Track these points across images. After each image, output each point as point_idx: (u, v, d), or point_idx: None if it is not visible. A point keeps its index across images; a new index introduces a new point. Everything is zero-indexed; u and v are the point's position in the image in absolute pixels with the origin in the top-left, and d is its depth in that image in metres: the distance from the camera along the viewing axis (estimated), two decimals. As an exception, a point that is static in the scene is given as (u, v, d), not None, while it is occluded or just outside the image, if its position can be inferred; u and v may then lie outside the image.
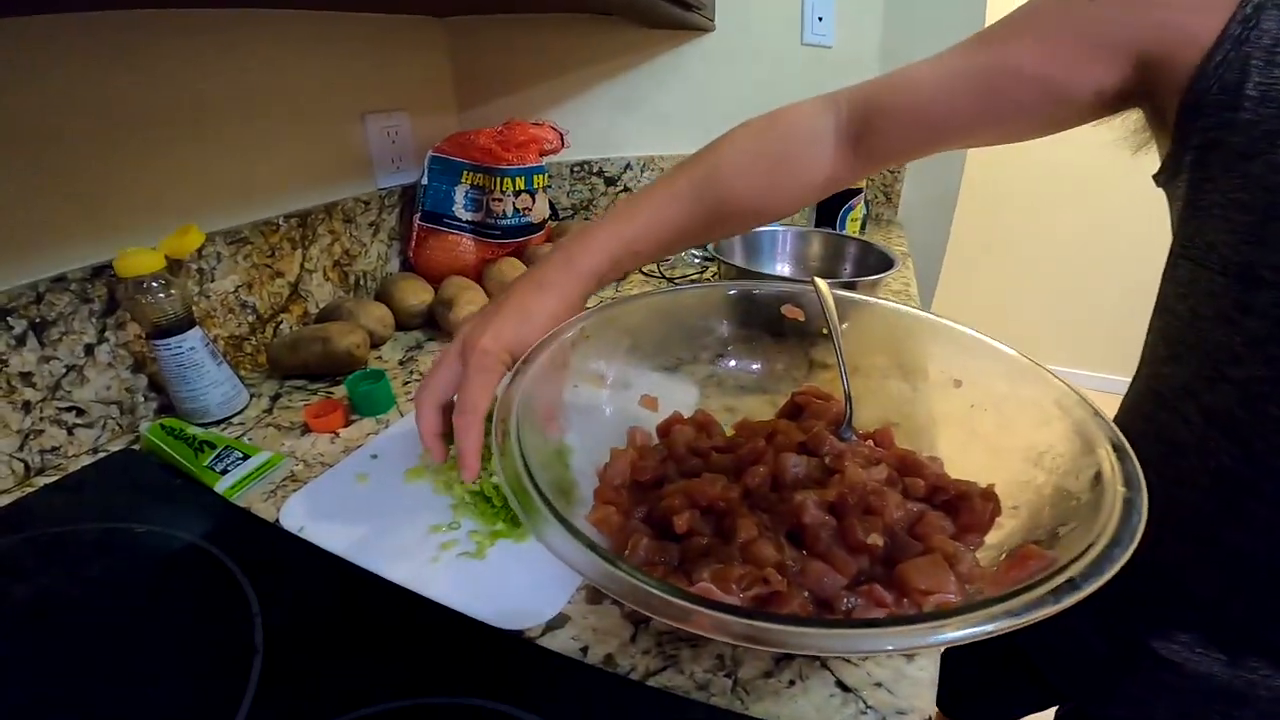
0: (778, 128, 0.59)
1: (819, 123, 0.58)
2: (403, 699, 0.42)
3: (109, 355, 0.70)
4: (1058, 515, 0.42)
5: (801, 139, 0.58)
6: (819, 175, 0.59)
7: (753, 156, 0.58)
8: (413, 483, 0.64)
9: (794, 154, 0.59)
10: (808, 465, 0.48)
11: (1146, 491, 0.37)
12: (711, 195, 0.57)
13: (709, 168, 0.58)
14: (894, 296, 1.13)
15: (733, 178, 0.57)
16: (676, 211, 0.57)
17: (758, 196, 0.58)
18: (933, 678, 0.45)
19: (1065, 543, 0.36)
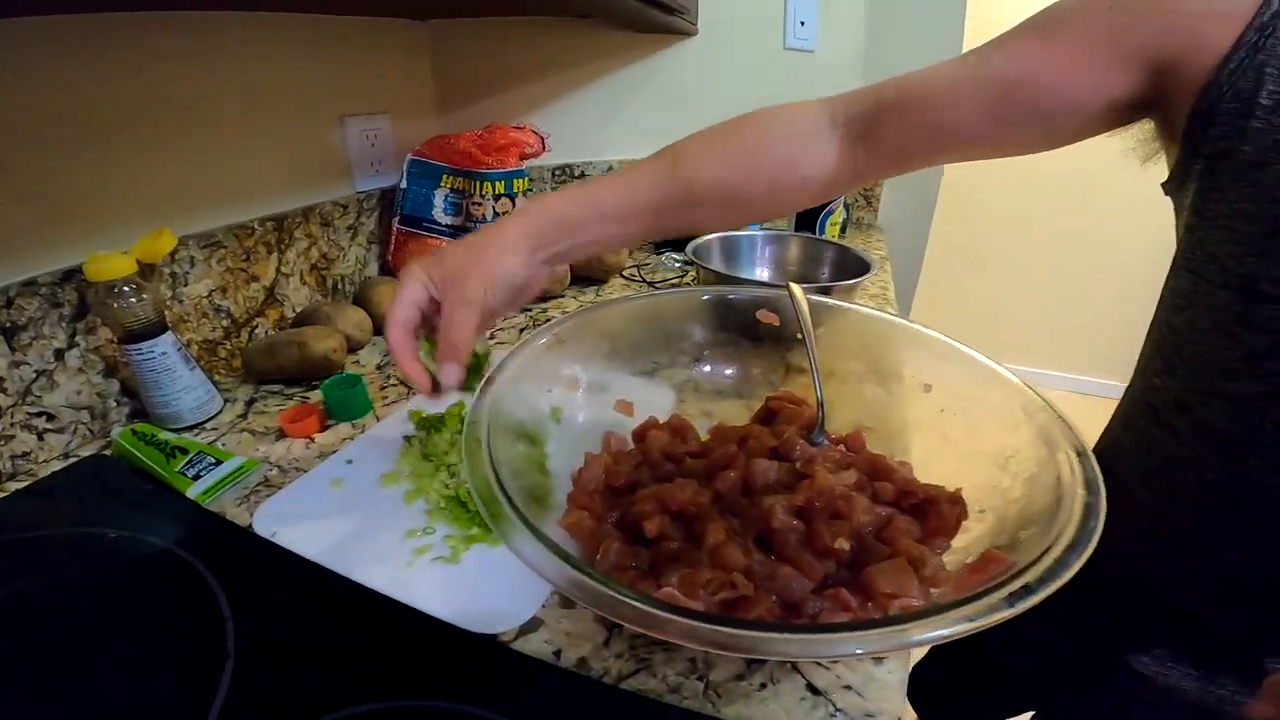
0: (751, 119, 0.58)
1: (809, 120, 0.56)
2: (375, 702, 0.42)
3: (79, 360, 0.70)
4: (1021, 519, 0.43)
5: (782, 131, 0.57)
6: (810, 170, 0.56)
7: (721, 139, 0.57)
8: (388, 487, 0.63)
9: (770, 144, 0.57)
10: (778, 470, 0.49)
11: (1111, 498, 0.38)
12: (681, 174, 0.55)
13: (678, 147, 0.57)
14: (871, 301, 1.14)
15: (698, 154, 0.56)
16: (649, 183, 0.55)
17: (727, 182, 0.56)
18: (901, 680, 0.45)
19: (1025, 546, 0.37)
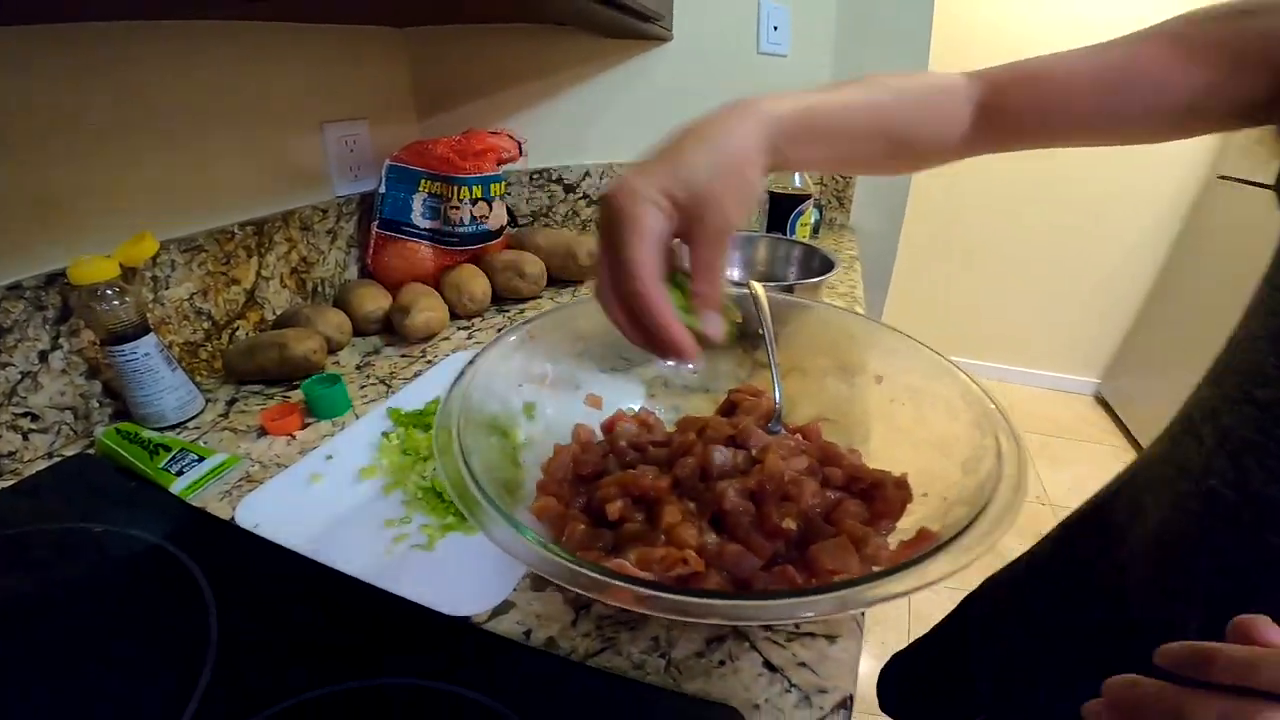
0: (933, 78, 0.56)
1: (967, 87, 0.54)
2: (353, 680, 0.44)
3: (63, 362, 0.71)
4: (958, 499, 0.46)
5: (942, 85, 0.55)
6: (954, 132, 0.55)
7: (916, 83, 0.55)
8: (367, 481, 0.66)
9: (947, 94, 0.54)
10: (734, 457, 0.52)
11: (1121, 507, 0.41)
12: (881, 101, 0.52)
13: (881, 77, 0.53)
14: (840, 299, 1.18)
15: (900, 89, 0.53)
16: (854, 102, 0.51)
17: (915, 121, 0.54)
18: (853, 658, 0.48)
19: (954, 524, 0.40)
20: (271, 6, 0.82)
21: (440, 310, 1.00)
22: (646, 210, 0.38)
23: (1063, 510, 2.23)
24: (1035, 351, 3.15)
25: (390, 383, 0.88)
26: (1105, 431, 2.83)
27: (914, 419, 0.57)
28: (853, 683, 0.46)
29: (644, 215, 0.38)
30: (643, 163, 0.40)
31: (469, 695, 0.44)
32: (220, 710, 0.42)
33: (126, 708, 0.43)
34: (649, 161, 0.40)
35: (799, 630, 0.49)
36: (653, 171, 0.39)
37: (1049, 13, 2.49)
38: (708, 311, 0.40)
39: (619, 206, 0.38)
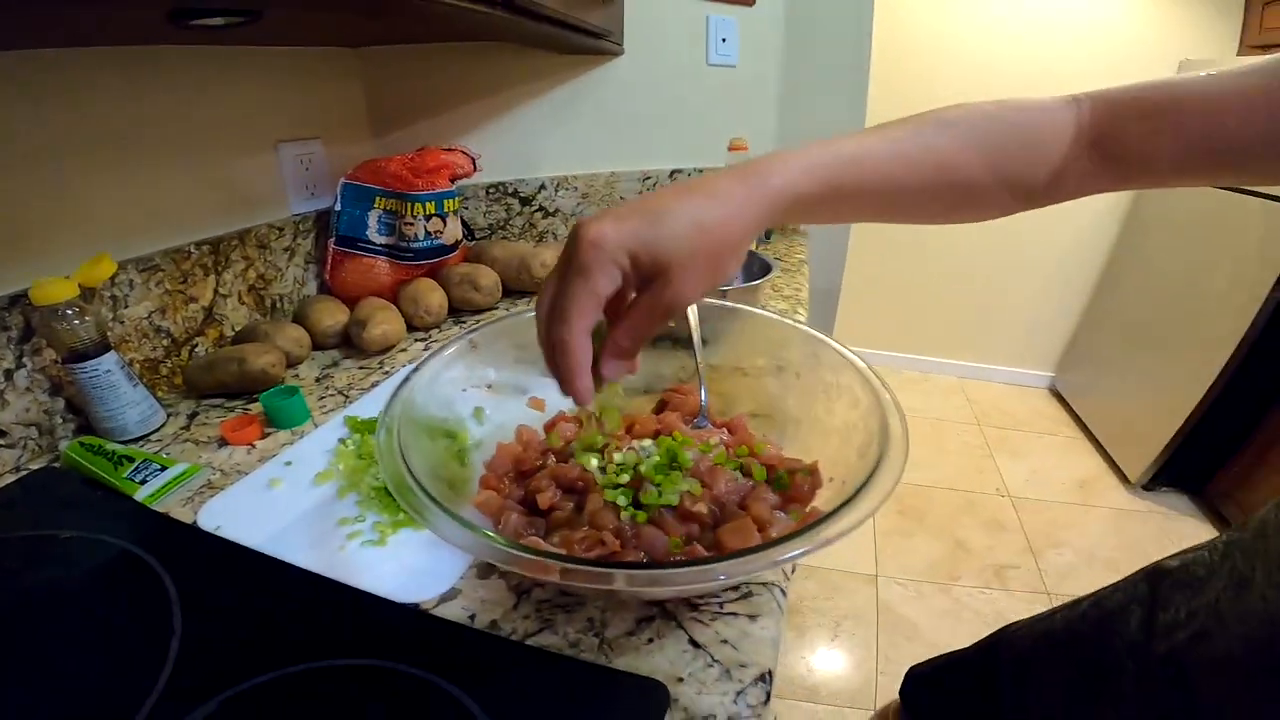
0: (1010, 103, 0.50)
1: (1058, 112, 0.49)
2: (309, 662, 0.48)
3: (27, 379, 0.74)
4: (855, 484, 0.51)
5: (1038, 118, 0.50)
6: (1045, 167, 0.49)
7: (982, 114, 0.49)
8: (323, 484, 0.70)
9: (1027, 126, 0.50)
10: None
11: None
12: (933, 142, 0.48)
13: (932, 114, 0.49)
14: (785, 302, 1.24)
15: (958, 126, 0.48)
16: (897, 151, 0.47)
17: (982, 160, 0.48)
18: (773, 636, 0.52)
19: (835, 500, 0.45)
20: (222, 33, 0.86)
21: (397, 323, 1.04)
22: (602, 270, 0.37)
23: (1021, 501, 2.32)
24: (991, 348, 3.24)
25: (348, 393, 0.91)
26: (1060, 423, 2.93)
27: (825, 410, 0.62)
28: (773, 659, 0.50)
29: (597, 274, 0.37)
30: (625, 208, 0.39)
31: (417, 674, 0.47)
32: (184, 692, 0.46)
33: (94, 694, 0.47)
34: (631, 208, 0.39)
35: (722, 610, 0.54)
36: (628, 222, 0.38)
37: (987, 15, 2.57)
38: (611, 360, 0.41)
39: (580, 259, 0.38)
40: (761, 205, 0.41)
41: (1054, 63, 2.51)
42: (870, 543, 2.14)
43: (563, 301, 0.38)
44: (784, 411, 0.71)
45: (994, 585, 1.98)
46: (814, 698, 1.62)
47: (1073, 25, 2.48)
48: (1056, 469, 2.58)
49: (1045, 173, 0.49)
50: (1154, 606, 0.60)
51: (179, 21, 0.68)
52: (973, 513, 2.31)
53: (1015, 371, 3.26)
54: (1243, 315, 1.95)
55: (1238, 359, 1.99)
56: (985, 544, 2.15)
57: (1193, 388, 2.12)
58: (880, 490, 0.44)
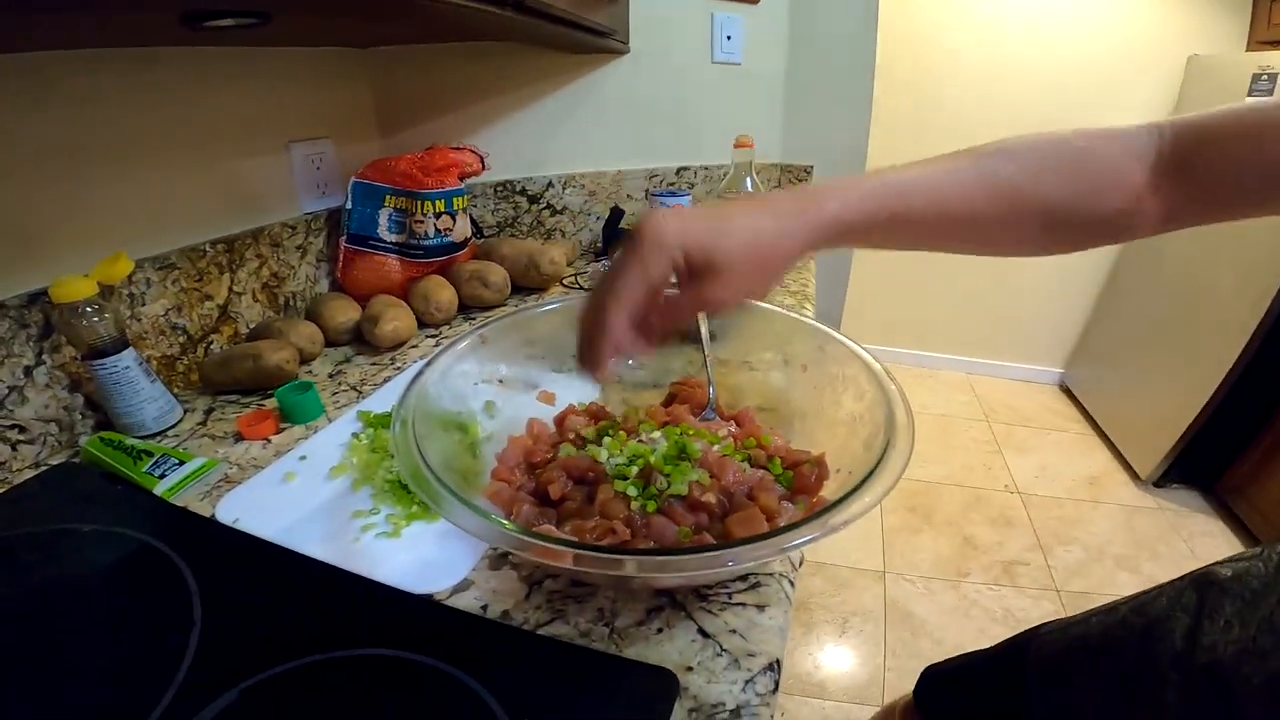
0: (1082, 131, 0.49)
1: (1134, 139, 0.48)
2: (325, 652, 0.49)
3: (47, 376, 0.76)
4: (861, 475, 0.52)
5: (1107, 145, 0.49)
6: (1117, 196, 0.48)
7: (1048, 140, 0.49)
8: (338, 478, 0.71)
9: (1098, 152, 0.48)
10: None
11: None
12: (996, 170, 0.48)
13: (996, 144, 0.49)
14: (791, 298, 1.24)
15: (1022, 153, 0.48)
16: (956, 180, 0.47)
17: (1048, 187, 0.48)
18: (781, 626, 0.53)
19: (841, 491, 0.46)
20: (233, 35, 0.87)
21: (408, 320, 1.05)
22: (658, 258, 0.40)
23: (1030, 497, 2.32)
24: (999, 344, 3.24)
25: (361, 389, 0.93)
26: (1069, 420, 2.92)
27: (832, 402, 0.63)
28: (780, 648, 0.51)
29: (653, 260, 0.40)
30: (694, 211, 0.42)
31: (431, 663, 0.48)
32: (204, 683, 0.47)
33: (115, 685, 0.48)
34: (700, 212, 0.42)
35: (731, 600, 0.54)
36: (694, 223, 0.41)
37: (994, 11, 2.56)
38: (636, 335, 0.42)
39: (642, 246, 0.40)
40: (815, 228, 0.43)
41: (1061, 57, 2.50)
42: (878, 539, 2.14)
43: (616, 278, 0.41)
44: (791, 404, 0.72)
45: (1003, 582, 1.97)
46: (822, 694, 1.63)
47: (1079, 18, 2.47)
48: (1066, 465, 2.57)
49: (1119, 202, 0.48)
50: (1200, 616, 0.58)
51: (192, 24, 0.69)
52: (981, 509, 2.31)
53: (1024, 368, 3.25)
54: (1253, 311, 1.94)
55: (1249, 355, 1.98)
56: (994, 540, 2.15)
57: (1203, 384, 2.11)
58: (886, 480, 0.44)
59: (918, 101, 2.71)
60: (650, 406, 0.66)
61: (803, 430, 0.67)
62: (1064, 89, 2.51)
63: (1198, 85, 2.38)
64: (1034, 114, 2.55)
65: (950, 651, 1.73)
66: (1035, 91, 2.55)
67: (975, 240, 0.50)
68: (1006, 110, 2.60)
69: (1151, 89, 2.49)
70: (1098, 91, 2.50)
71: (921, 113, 2.72)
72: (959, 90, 2.66)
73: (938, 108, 2.71)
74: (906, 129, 2.68)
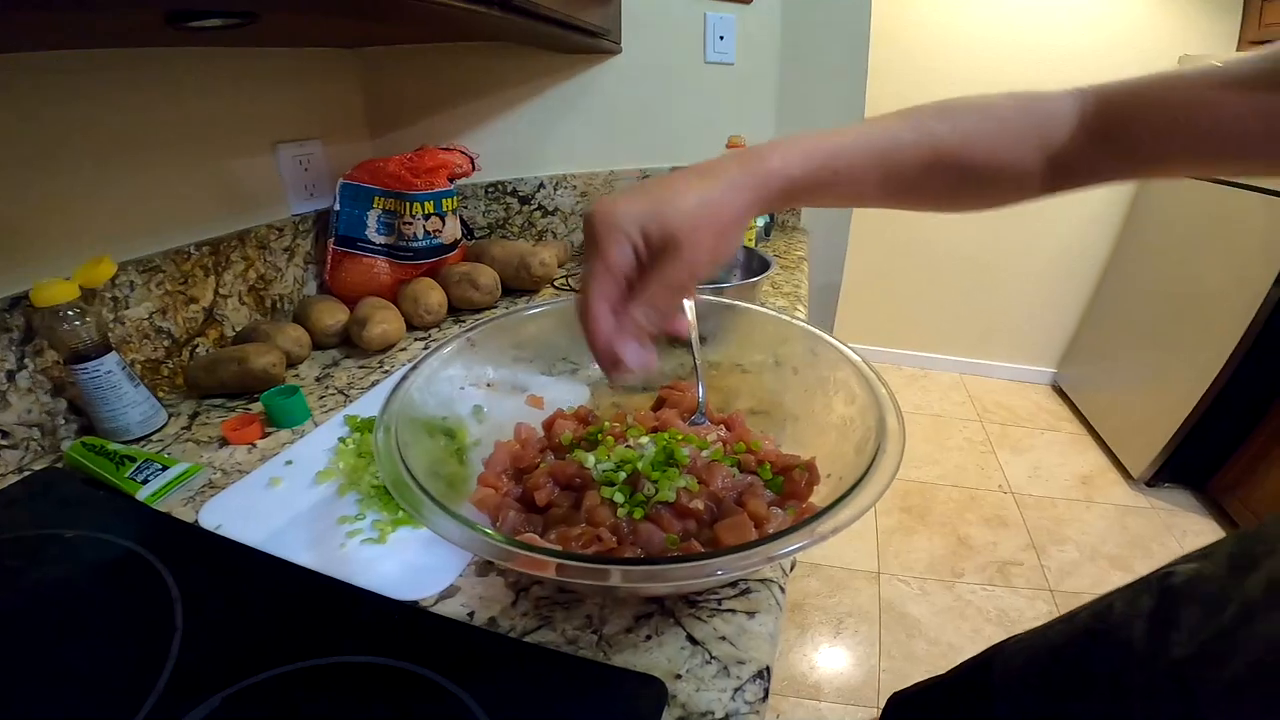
0: (1013, 93, 0.52)
1: (1059, 102, 0.50)
2: (309, 659, 0.49)
3: (29, 381, 0.75)
4: (852, 480, 0.51)
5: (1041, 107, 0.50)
6: (1037, 155, 0.50)
7: (981, 101, 0.51)
8: (324, 483, 0.70)
9: (1024, 112, 0.50)
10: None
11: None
12: (931, 129, 0.49)
13: (936, 104, 0.51)
14: (784, 299, 1.24)
15: (956, 112, 0.50)
16: (892, 137, 0.49)
17: (972, 145, 0.50)
18: (771, 633, 0.52)
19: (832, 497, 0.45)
20: (220, 35, 0.86)
21: (396, 322, 1.04)
22: (613, 242, 0.41)
23: (1023, 497, 2.32)
24: (992, 344, 3.24)
25: (349, 393, 0.92)
26: (1062, 419, 2.92)
27: (823, 406, 0.62)
28: (770, 655, 0.50)
29: (609, 247, 0.41)
30: (637, 188, 0.42)
31: (417, 671, 0.48)
32: (185, 690, 0.46)
33: (96, 692, 0.47)
34: (643, 188, 0.42)
35: (720, 606, 0.54)
36: (638, 202, 0.41)
37: (987, 11, 2.56)
38: (629, 342, 0.42)
39: (594, 236, 0.41)
40: (761, 183, 0.44)
41: (1053, 60, 2.51)
42: (873, 540, 2.14)
43: (583, 277, 0.41)
44: (782, 408, 0.71)
45: (997, 582, 1.97)
46: (817, 695, 1.62)
47: (1071, 20, 2.47)
48: (1059, 465, 2.58)
49: (1045, 160, 0.50)
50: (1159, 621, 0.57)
51: (176, 24, 0.68)
52: (975, 509, 2.31)
53: (1017, 368, 3.26)
54: (1245, 310, 1.94)
55: (1240, 354, 1.99)
56: (988, 540, 2.15)
57: (1196, 383, 2.12)
58: (876, 485, 0.44)
59: (911, 102, 2.69)
60: (639, 411, 0.65)
61: (794, 433, 0.67)
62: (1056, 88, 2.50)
63: (1189, 85, 2.38)
64: (1026, 114, 2.54)
65: (945, 652, 1.74)
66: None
67: (908, 195, 0.52)
68: (999, 110, 2.58)
69: (1143, 89, 2.49)
70: (1090, 91, 2.48)
71: (914, 113, 2.72)
72: (952, 90, 2.62)
73: (930, 108, 2.70)
74: (899, 129, 2.68)
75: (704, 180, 0.43)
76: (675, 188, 0.42)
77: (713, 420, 0.66)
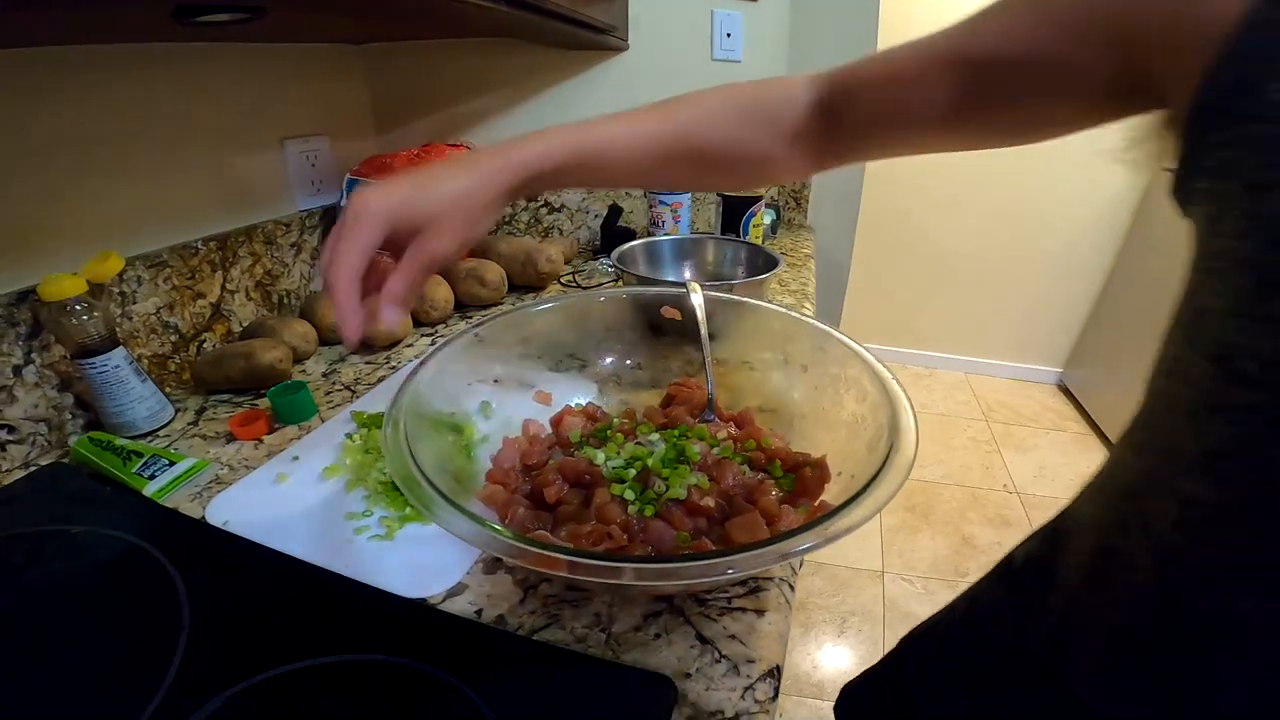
0: (757, 80, 0.56)
1: (798, 89, 0.53)
2: (316, 658, 0.48)
3: (36, 375, 0.74)
4: (864, 477, 0.51)
5: (776, 93, 0.54)
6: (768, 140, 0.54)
7: (725, 90, 0.56)
8: (330, 479, 0.70)
9: (762, 98, 0.54)
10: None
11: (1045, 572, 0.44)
12: (676, 117, 0.54)
13: (677, 98, 0.55)
14: (790, 296, 1.23)
15: (701, 101, 0.55)
16: (638, 126, 0.53)
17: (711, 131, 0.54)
18: (781, 632, 0.52)
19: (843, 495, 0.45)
20: (227, 30, 0.86)
21: (403, 318, 1.04)
22: (363, 227, 0.45)
23: (1028, 497, 2.31)
24: (998, 343, 3.23)
25: (355, 388, 0.92)
26: (1068, 419, 2.91)
27: (833, 403, 0.62)
28: (780, 654, 0.50)
29: (358, 231, 0.45)
30: (398, 179, 0.48)
31: (424, 669, 0.47)
32: (192, 687, 0.46)
33: (103, 688, 0.47)
34: (403, 179, 0.48)
35: (730, 605, 0.54)
36: (397, 190, 0.46)
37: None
38: (387, 304, 0.46)
39: (352, 214, 0.45)
40: (506, 175, 0.49)
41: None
42: (877, 539, 2.14)
43: (331, 251, 0.45)
44: (791, 405, 0.71)
45: (1001, 581, 1.97)
46: (820, 694, 1.62)
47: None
48: (1064, 465, 2.57)
49: (781, 141, 0.54)
50: (1011, 606, 0.56)
51: (183, 19, 0.68)
52: (980, 509, 2.30)
53: (1022, 367, 3.25)
54: (1252, 310, 1.93)
55: (1247, 354, 1.97)
56: (992, 540, 2.15)
57: (1202, 383, 2.10)
58: (890, 484, 0.43)
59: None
60: (648, 408, 0.65)
61: (803, 431, 0.66)
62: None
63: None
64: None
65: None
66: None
67: (656, 177, 0.58)
68: (1005, 108, 2.57)
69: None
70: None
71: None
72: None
73: (937, 106, 2.69)
74: (905, 127, 2.67)
75: (460, 171, 0.48)
76: (435, 178, 0.48)
77: (722, 417, 0.66)
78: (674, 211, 1.41)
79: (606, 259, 1.42)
